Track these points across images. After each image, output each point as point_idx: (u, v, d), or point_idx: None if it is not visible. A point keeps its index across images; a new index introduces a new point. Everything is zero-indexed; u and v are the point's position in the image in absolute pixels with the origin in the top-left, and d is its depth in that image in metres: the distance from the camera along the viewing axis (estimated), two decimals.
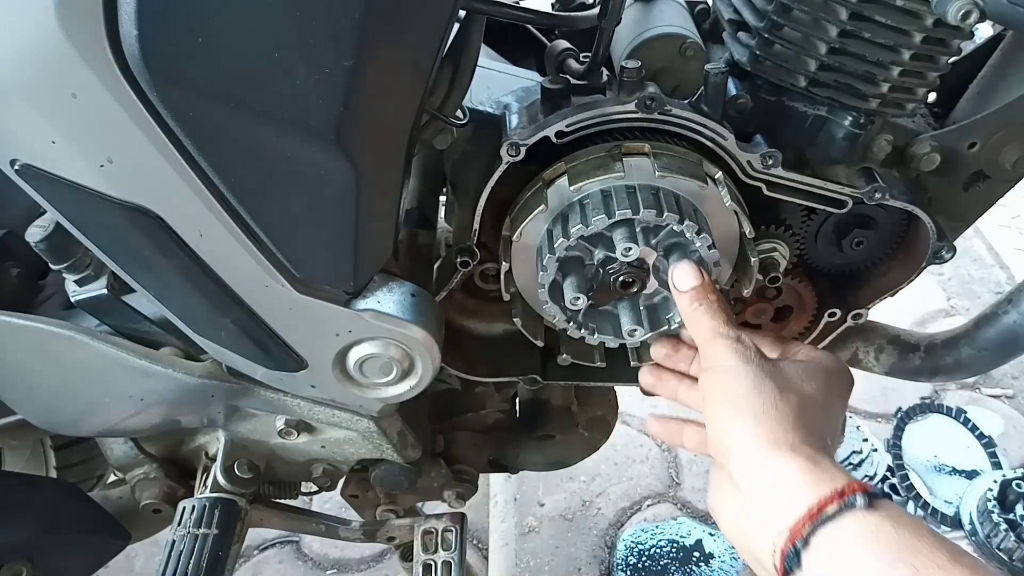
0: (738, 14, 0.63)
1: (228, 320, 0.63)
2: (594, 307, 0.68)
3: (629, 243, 0.61)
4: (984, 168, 0.68)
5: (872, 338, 0.85)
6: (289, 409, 0.76)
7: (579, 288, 0.63)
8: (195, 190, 0.53)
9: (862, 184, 0.64)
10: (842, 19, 0.58)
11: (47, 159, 0.51)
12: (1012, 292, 0.76)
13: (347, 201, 0.55)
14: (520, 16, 0.67)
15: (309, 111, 0.49)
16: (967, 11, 0.51)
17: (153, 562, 0.76)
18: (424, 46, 0.52)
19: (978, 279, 1.87)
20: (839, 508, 0.48)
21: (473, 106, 0.66)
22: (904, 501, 1.34)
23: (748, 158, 0.62)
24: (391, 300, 0.64)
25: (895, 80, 0.60)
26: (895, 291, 0.75)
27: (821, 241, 0.74)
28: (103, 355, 0.70)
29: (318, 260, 0.61)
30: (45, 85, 0.47)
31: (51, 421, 0.79)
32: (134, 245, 0.57)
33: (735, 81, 0.65)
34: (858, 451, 1.40)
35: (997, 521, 1.29)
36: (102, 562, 0.89)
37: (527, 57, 0.83)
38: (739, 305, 0.77)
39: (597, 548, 1.36)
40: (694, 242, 0.61)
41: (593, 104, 0.62)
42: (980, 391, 1.61)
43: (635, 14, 0.74)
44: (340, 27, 0.46)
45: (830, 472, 0.51)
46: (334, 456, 0.83)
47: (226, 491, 0.80)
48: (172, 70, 0.47)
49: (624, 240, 0.61)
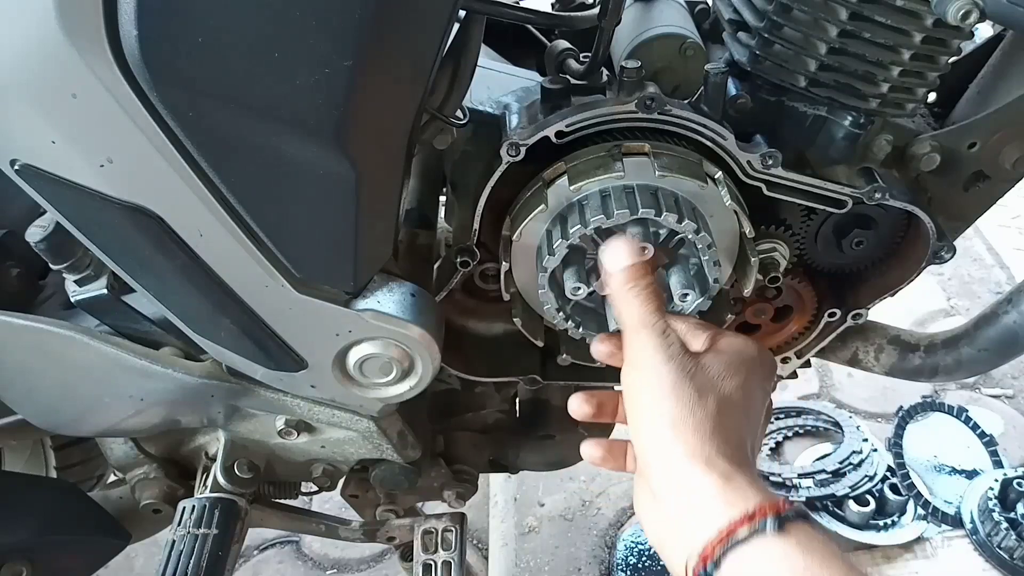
0: (738, 14, 0.63)
1: (228, 320, 0.63)
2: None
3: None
4: (984, 168, 0.68)
5: (872, 338, 0.85)
6: (289, 409, 0.76)
7: (580, 278, 0.63)
8: (195, 190, 0.53)
9: (862, 184, 0.64)
10: (842, 19, 0.58)
11: (47, 159, 0.51)
12: (1012, 292, 0.76)
13: (347, 201, 0.55)
14: (520, 16, 0.67)
15: (309, 111, 0.49)
16: (967, 11, 0.51)
17: (153, 562, 0.76)
18: (424, 46, 0.52)
19: (978, 279, 1.87)
20: (749, 532, 0.47)
21: (473, 106, 0.66)
22: (905, 500, 1.34)
23: (748, 158, 0.63)
24: (391, 300, 0.65)
25: (895, 80, 0.60)
26: (895, 291, 0.75)
27: (821, 241, 0.74)
28: (103, 355, 0.70)
29: (318, 260, 0.61)
30: (45, 85, 0.47)
31: (51, 421, 0.79)
32: (134, 245, 0.57)
33: (735, 81, 0.65)
34: (858, 451, 1.40)
35: (998, 520, 1.29)
36: (102, 562, 0.89)
37: (527, 57, 0.83)
38: (739, 305, 0.77)
39: (597, 548, 1.36)
40: (695, 242, 0.61)
41: (593, 104, 0.62)
42: (980, 391, 1.61)
43: (635, 14, 0.75)
44: (340, 27, 0.46)
45: (743, 491, 0.49)
46: (334, 456, 0.83)
47: (226, 491, 0.80)
48: (172, 70, 0.47)
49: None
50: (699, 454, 0.51)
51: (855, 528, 1.32)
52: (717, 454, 0.51)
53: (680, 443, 0.52)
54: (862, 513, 1.31)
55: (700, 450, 0.51)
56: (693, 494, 0.50)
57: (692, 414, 0.52)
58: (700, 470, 0.51)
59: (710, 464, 0.51)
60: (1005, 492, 1.33)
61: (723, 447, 0.52)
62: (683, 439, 0.52)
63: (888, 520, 1.33)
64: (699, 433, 0.52)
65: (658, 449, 0.53)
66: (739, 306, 0.77)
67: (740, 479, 0.50)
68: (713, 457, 0.51)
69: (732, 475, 0.50)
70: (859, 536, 1.31)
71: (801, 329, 0.80)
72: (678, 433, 0.52)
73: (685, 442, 0.52)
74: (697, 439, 0.52)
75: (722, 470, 0.50)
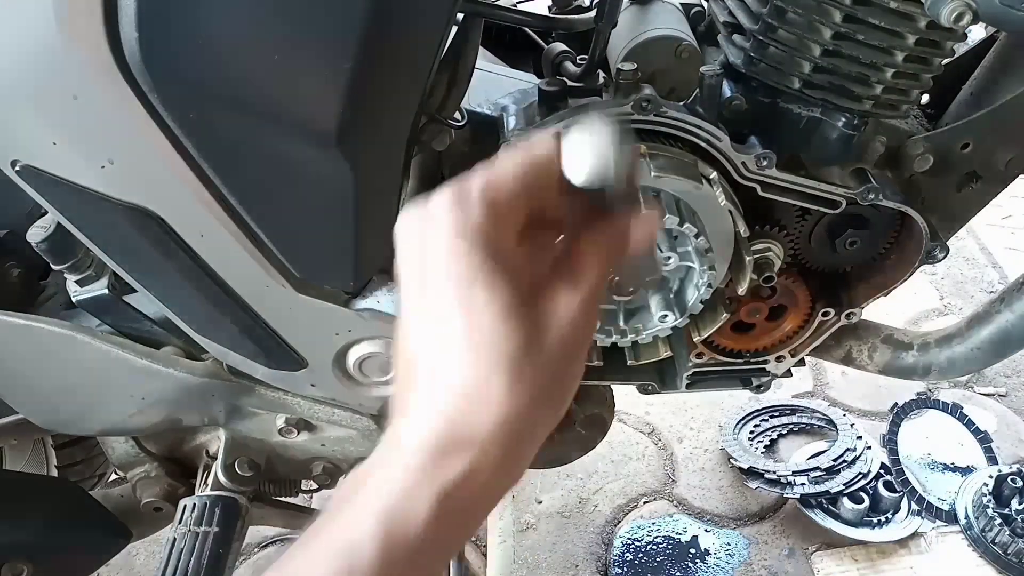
0: (733, 17, 0.64)
1: (229, 320, 0.64)
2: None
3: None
4: (977, 169, 0.69)
5: (866, 337, 0.86)
6: (289, 407, 0.77)
7: None
8: (196, 191, 0.54)
9: (856, 185, 0.65)
10: (836, 21, 0.58)
11: (48, 160, 0.52)
12: (1005, 291, 0.77)
13: (346, 202, 0.56)
14: (517, 19, 0.67)
15: (308, 113, 0.50)
16: (960, 13, 0.52)
17: (154, 560, 0.76)
18: (422, 49, 0.53)
19: (971, 279, 1.88)
20: None
21: (471, 108, 0.67)
22: (900, 497, 1.34)
23: (743, 159, 0.63)
24: (390, 300, 0.65)
25: (889, 82, 0.61)
26: (889, 290, 0.75)
27: (815, 241, 0.74)
28: (104, 355, 0.71)
29: (318, 260, 0.61)
30: (46, 87, 0.48)
31: (52, 420, 0.79)
32: (135, 246, 0.58)
33: (730, 83, 0.65)
34: (852, 448, 1.40)
35: (992, 516, 1.29)
36: (103, 560, 0.89)
37: (524, 60, 0.84)
38: (734, 304, 0.78)
39: (594, 545, 1.37)
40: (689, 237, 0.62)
41: (589, 106, 0.62)
42: (973, 389, 1.62)
43: (631, 17, 0.75)
44: (339, 30, 0.47)
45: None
46: (334, 454, 0.84)
47: (227, 489, 0.81)
48: (172, 72, 0.47)
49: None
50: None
51: (850, 525, 1.33)
52: None
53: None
54: (856, 510, 1.32)
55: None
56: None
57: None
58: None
59: None
60: (999, 488, 1.34)
61: None
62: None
63: (882, 517, 1.33)
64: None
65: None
66: (734, 305, 0.78)
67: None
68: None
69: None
70: (854, 533, 1.32)
71: (795, 328, 0.80)
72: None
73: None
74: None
75: None
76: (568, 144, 0.36)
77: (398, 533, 0.31)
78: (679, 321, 0.69)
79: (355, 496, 0.33)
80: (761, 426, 1.52)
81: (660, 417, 1.56)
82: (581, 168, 0.36)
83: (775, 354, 0.82)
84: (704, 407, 1.56)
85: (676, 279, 0.69)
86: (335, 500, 0.34)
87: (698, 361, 0.80)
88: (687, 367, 0.81)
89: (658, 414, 1.57)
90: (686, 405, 1.57)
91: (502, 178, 0.35)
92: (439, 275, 0.34)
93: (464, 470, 0.32)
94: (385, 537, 0.31)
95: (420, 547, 0.31)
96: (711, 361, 0.81)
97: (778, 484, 1.36)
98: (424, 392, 0.34)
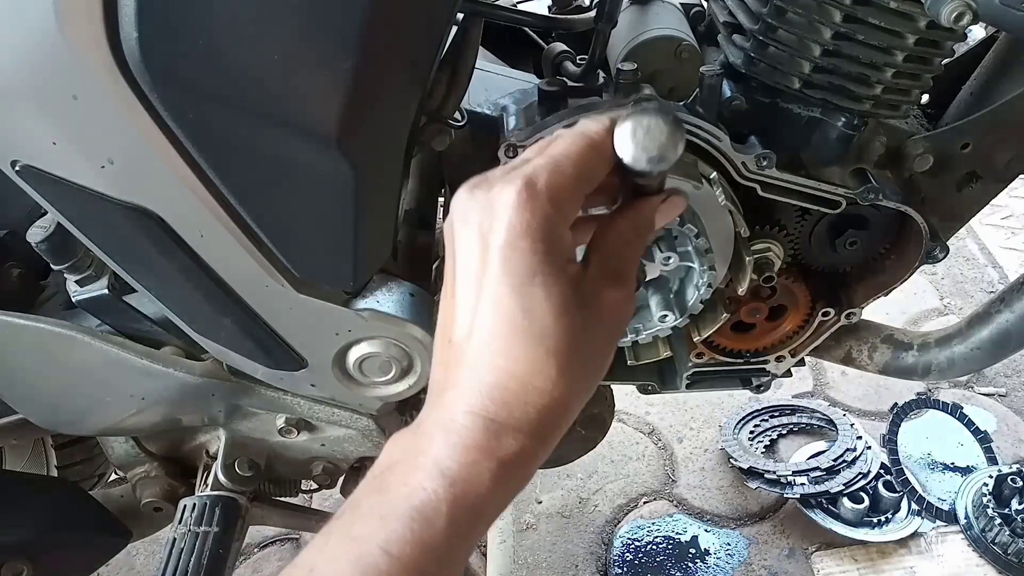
0: (733, 16, 0.64)
1: (228, 320, 0.64)
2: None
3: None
4: (977, 169, 0.69)
5: (866, 337, 0.86)
6: (289, 407, 0.77)
7: None
8: (195, 191, 0.54)
9: (855, 185, 0.65)
10: (836, 21, 0.58)
11: (48, 160, 0.52)
12: (1005, 291, 0.77)
13: (346, 202, 0.56)
14: (517, 19, 0.68)
15: (308, 113, 0.50)
16: (960, 13, 0.52)
17: (154, 560, 0.76)
18: (423, 48, 0.53)
19: (971, 279, 1.88)
20: None
21: (471, 108, 0.67)
22: (899, 497, 1.34)
23: (743, 159, 0.63)
24: (390, 300, 0.65)
25: (888, 81, 0.61)
26: (888, 290, 0.75)
27: (815, 241, 0.74)
28: (104, 354, 0.71)
29: (318, 260, 0.62)
30: (46, 87, 0.48)
31: (52, 420, 0.79)
32: (135, 245, 0.58)
33: (730, 83, 0.65)
34: (852, 448, 1.40)
35: (992, 516, 1.29)
36: (103, 560, 0.89)
37: (524, 60, 0.84)
38: (734, 304, 0.78)
39: (594, 545, 1.37)
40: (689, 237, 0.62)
41: (590, 106, 0.62)
42: (973, 389, 1.62)
43: (631, 17, 0.75)
44: (339, 29, 0.47)
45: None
46: (334, 454, 0.84)
47: (227, 489, 0.81)
48: (172, 72, 0.47)
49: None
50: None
51: (850, 525, 1.33)
52: None
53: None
54: (856, 510, 1.32)
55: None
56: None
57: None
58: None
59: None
60: (1000, 488, 1.34)
61: None
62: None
63: (882, 517, 1.33)
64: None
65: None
66: (734, 305, 0.78)
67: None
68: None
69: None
70: (854, 533, 1.32)
71: (795, 328, 0.80)
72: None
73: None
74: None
75: None
76: (626, 129, 0.38)
77: (466, 497, 0.35)
78: (679, 321, 0.68)
79: (415, 461, 0.36)
80: (761, 426, 1.52)
81: (660, 417, 1.56)
82: (641, 153, 0.38)
83: (775, 354, 0.82)
84: (704, 407, 1.57)
85: (676, 279, 0.69)
86: (386, 461, 0.37)
87: (698, 361, 0.80)
88: (687, 367, 0.81)
89: (658, 414, 1.57)
90: (686, 405, 1.57)
91: (566, 175, 0.38)
92: (498, 268, 0.37)
93: (515, 448, 0.36)
94: (453, 501, 0.34)
95: (482, 511, 0.35)
96: (711, 361, 0.81)
97: (778, 484, 1.36)
98: (477, 370, 0.37)
